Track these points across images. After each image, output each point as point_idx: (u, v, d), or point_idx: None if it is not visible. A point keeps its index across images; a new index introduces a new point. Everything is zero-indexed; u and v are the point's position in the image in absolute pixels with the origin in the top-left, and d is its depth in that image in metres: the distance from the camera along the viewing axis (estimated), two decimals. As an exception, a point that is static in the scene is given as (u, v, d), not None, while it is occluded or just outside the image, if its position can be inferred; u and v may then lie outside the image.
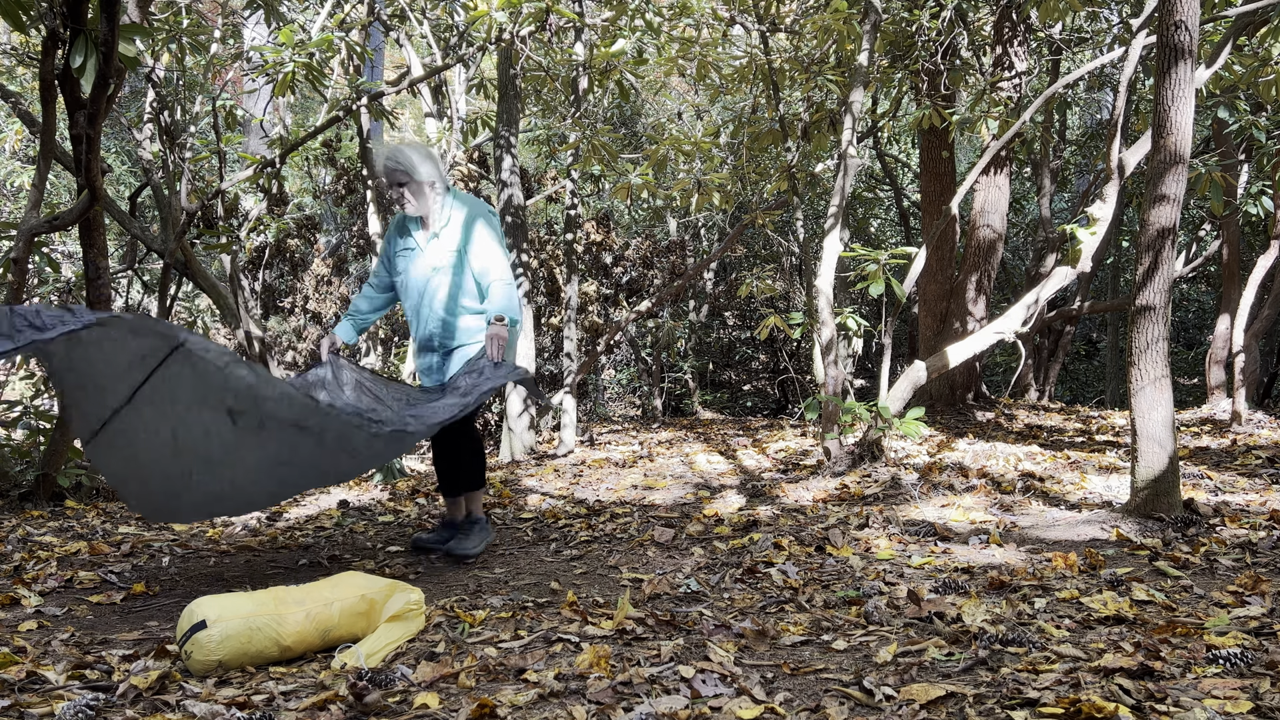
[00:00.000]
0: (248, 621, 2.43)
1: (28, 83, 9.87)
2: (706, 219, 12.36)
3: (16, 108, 6.24)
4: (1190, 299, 13.75)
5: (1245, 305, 6.81)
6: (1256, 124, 6.56)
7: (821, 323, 5.49)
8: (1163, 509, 3.78)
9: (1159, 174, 3.77)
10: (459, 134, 8.52)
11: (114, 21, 3.93)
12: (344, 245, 11.00)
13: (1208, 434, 6.51)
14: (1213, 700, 1.98)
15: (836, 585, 3.17)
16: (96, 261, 4.87)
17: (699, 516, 4.47)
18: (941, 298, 8.34)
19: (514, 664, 2.39)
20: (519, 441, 7.10)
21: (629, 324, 10.27)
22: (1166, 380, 3.79)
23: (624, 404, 13.66)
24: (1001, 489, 4.75)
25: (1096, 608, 2.73)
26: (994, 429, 7.36)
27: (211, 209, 6.86)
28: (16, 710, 2.04)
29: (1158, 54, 3.78)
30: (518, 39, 5.75)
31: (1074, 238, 5.12)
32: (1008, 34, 7.62)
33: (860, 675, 2.24)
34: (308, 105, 13.38)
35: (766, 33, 6.63)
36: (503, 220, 7.34)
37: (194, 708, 2.09)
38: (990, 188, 8.18)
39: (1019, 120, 5.79)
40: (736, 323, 12.42)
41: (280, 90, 5.67)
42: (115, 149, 12.60)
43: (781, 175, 6.59)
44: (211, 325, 9.86)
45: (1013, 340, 5.52)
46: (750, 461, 6.16)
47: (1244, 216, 8.61)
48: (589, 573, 3.51)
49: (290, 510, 5.08)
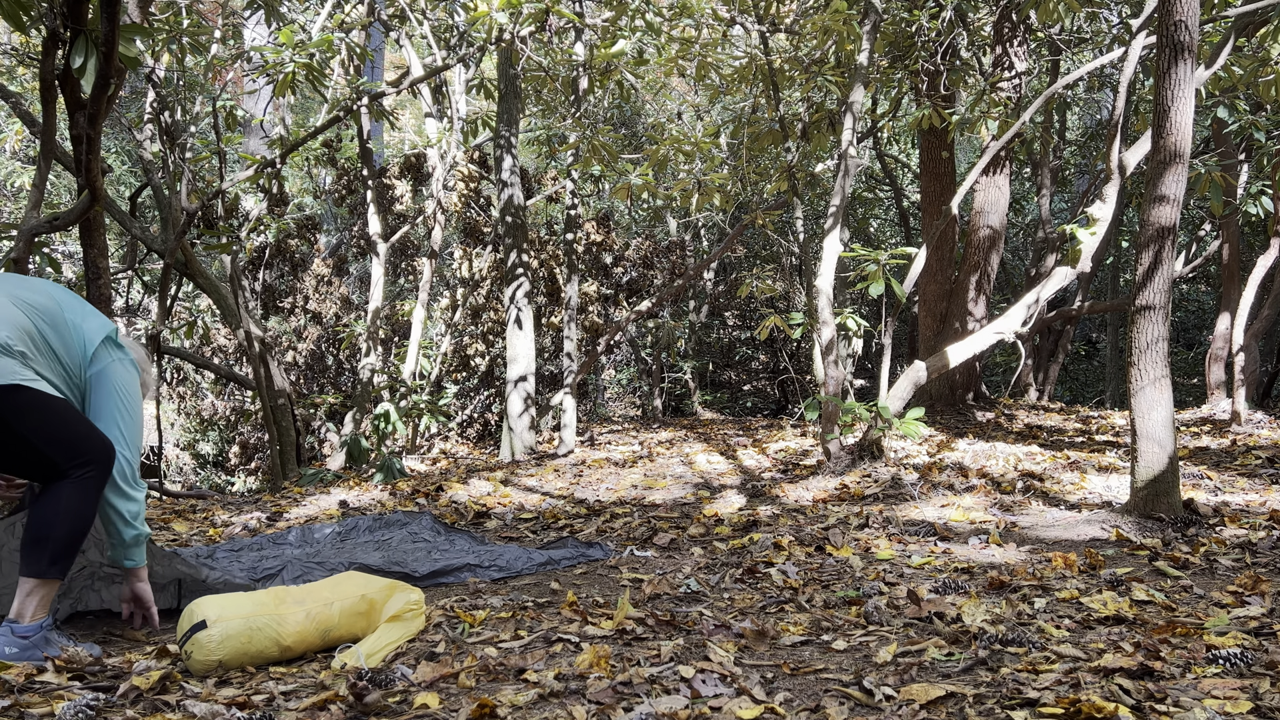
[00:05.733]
0: (248, 621, 2.43)
1: (28, 83, 9.87)
2: (706, 219, 12.36)
3: (17, 108, 6.24)
4: (1190, 299, 13.75)
5: (1245, 305, 6.81)
6: (1256, 124, 6.56)
7: (822, 323, 5.50)
8: (1163, 509, 3.79)
9: (1159, 174, 3.77)
10: (459, 134, 8.52)
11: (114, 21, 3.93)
12: (344, 245, 11.01)
13: (1208, 434, 6.50)
14: (1213, 700, 1.98)
15: (836, 585, 3.17)
16: (97, 261, 4.87)
17: (699, 516, 4.47)
18: (941, 298, 8.34)
19: (514, 664, 2.39)
20: (519, 441, 7.10)
21: (629, 324, 10.28)
22: (1166, 380, 3.79)
23: (624, 404, 13.67)
24: (1001, 489, 4.75)
25: (1096, 608, 2.73)
26: (994, 429, 7.36)
27: (212, 209, 6.86)
28: (16, 710, 2.04)
29: (1158, 54, 3.78)
30: (518, 39, 5.75)
31: (1074, 238, 5.12)
32: (1007, 34, 7.62)
33: (860, 675, 2.24)
34: (308, 105, 13.39)
35: (766, 33, 6.64)
36: (503, 220, 7.34)
37: (194, 708, 2.09)
38: (990, 188, 8.18)
39: (1019, 120, 5.79)
40: (736, 323, 12.42)
41: (280, 90, 5.67)
42: (115, 149, 12.61)
43: (781, 175, 6.59)
44: (212, 325, 9.86)
45: (1013, 340, 5.53)
46: (750, 461, 6.16)
47: (1244, 216, 8.62)
48: (589, 573, 3.51)
49: (290, 510, 5.08)
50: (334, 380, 10.21)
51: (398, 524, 4.08)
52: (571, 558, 3.65)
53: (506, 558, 3.55)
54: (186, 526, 4.58)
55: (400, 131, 13.97)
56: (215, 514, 5.02)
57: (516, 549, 3.73)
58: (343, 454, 7.65)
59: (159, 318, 6.49)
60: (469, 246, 9.87)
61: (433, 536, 3.92)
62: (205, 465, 11.05)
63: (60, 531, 2.39)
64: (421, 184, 9.85)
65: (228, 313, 7.07)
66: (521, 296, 7.20)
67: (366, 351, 8.63)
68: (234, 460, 10.18)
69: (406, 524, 4.08)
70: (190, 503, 5.82)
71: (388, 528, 4.04)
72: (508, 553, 3.63)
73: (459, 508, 4.94)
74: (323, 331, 9.96)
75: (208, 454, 11.02)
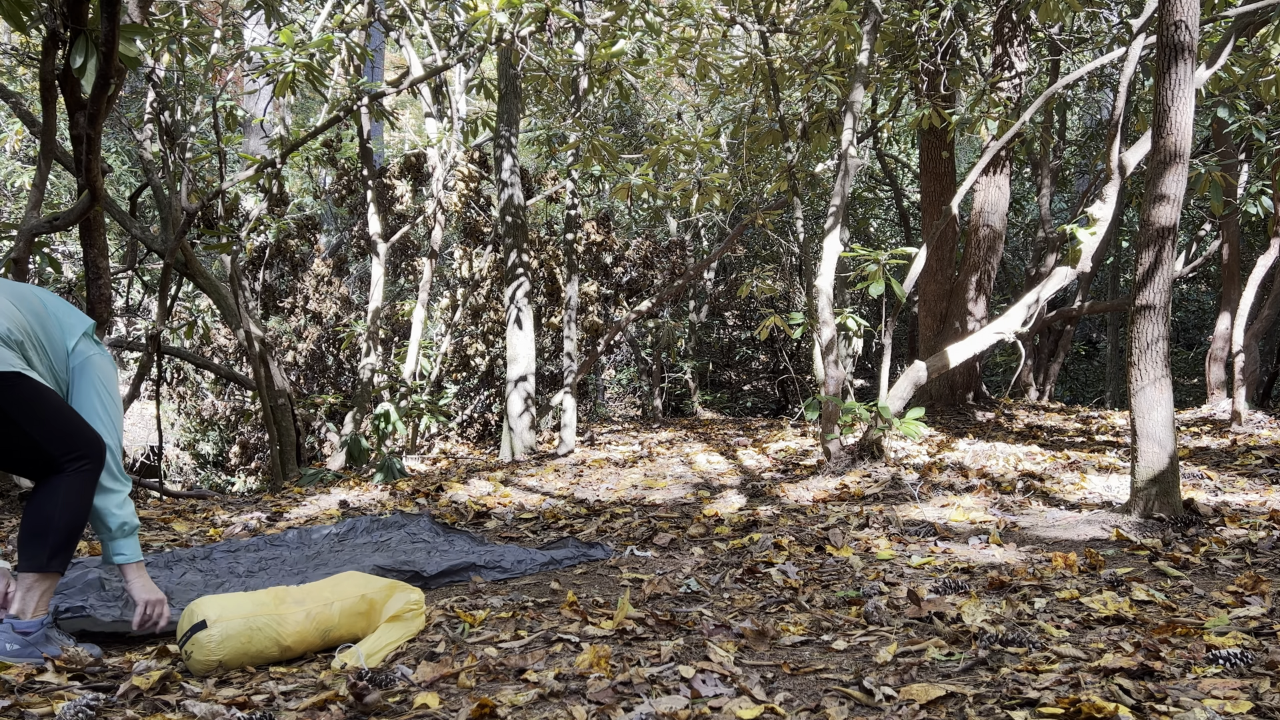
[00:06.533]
0: (248, 621, 2.43)
1: (28, 83, 9.87)
2: (706, 219, 12.37)
3: (17, 108, 6.24)
4: (1190, 299, 13.75)
5: (1245, 305, 6.82)
6: (1256, 124, 6.56)
7: (822, 323, 5.50)
8: (1163, 509, 3.79)
9: (1159, 174, 3.77)
10: (459, 134, 8.52)
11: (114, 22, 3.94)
12: (344, 245, 11.01)
13: (1208, 434, 6.50)
14: (1213, 700, 1.98)
15: (836, 585, 3.17)
16: (97, 261, 4.87)
17: (699, 516, 4.47)
18: (941, 298, 8.35)
19: (514, 664, 2.39)
20: (519, 441, 7.10)
21: (629, 324, 10.27)
22: (1166, 380, 3.79)
23: (624, 404, 13.66)
24: (1001, 489, 4.75)
25: (1096, 608, 2.73)
26: (994, 429, 7.36)
27: (212, 209, 6.86)
28: (16, 710, 2.04)
29: (1158, 54, 3.78)
30: (518, 39, 5.76)
31: (1074, 238, 5.12)
32: (1007, 34, 7.63)
33: (860, 675, 2.24)
34: (308, 105, 13.38)
35: (766, 33, 6.64)
36: (503, 220, 7.34)
37: (194, 708, 2.09)
38: (990, 188, 8.18)
39: (1019, 120, 5.79)
40: (736, 323, 12.42)
41: (280, 90, 5.68)
42: (116, 149, 12.61)
43: (781, 175, 6.60)
44: (212, 325, 9.86)
45: (1013, 340, 5.53)
46: (750, 461, 6.16)
47: (1244, 216, 8.62)
48: (589, 573, 3.51)
49: (290, 510, 5.08)
50: (334, 380, 10.21)
51: (396, 525, 4.08)
52: (572, 558, 3.65)
53: (508, 558, 3.55)
54: (186, 526, 4.58)
55: (400, 131, 13.97)
56: (215, 514, 5.02)
57: (517, 549, 3.73)
58: (343, 454, 7.65)
59: (159, 318, 6.50)
60: (469, 246, 9.87)
61: (432, 537, 3.92)
62: (205, 465, 11.06)
63: (59, 524, 2.39)
64: (421, 184, 9.85)
65: (228, 313, 7.07)
66: (521, 296, 7.20)
67: (366, 351, 8.63)
68: (234, 460, 10.19)
69: (404, 525, 4.08)
70: (190, 503, 5.82)
71: (386, 529, 4.04)
72: (509, 553, 3.63)
73: (459, 508, 4.94)
74: (323, 331, 9.96)
75: (208, 454, 11.02)
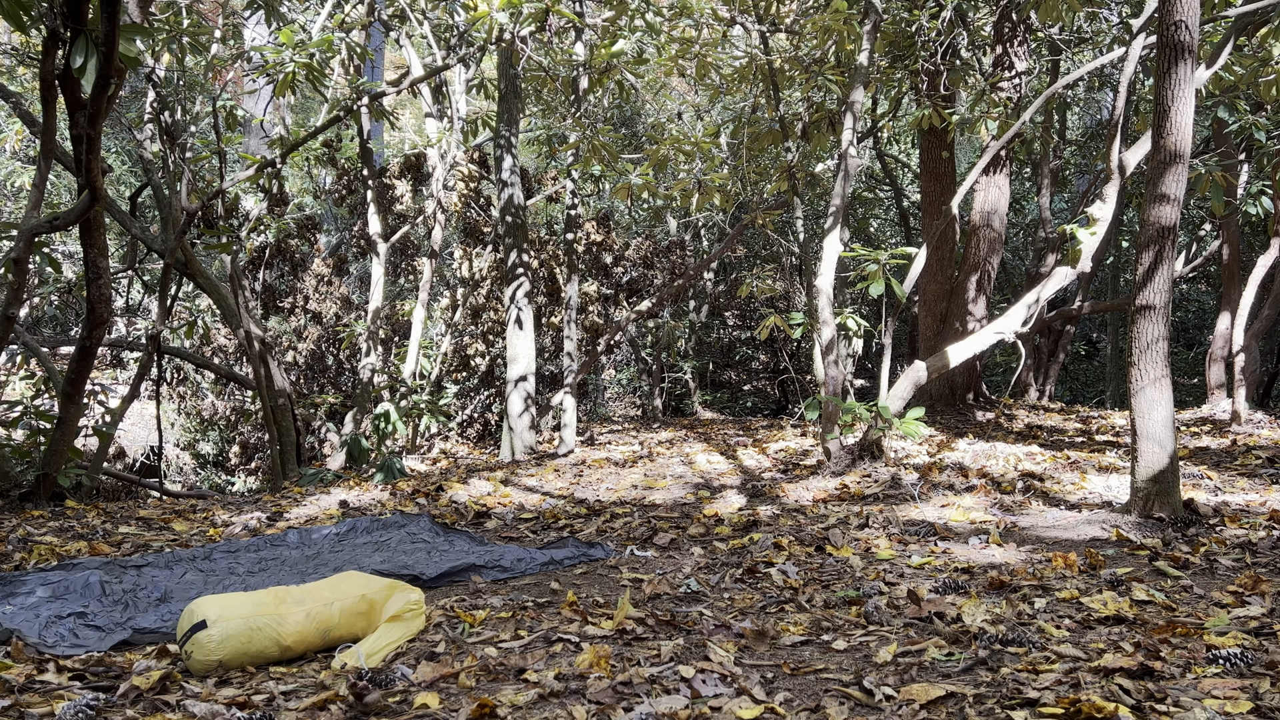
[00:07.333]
0: (248, 621, 2.43)
1: (28, 83, 9.87)
2: (706, 219, 12.36)
3: (17, 108, 6.24)
4: (1190, 299, 13.74)
5: (1245, 305, 6.82)
6: (1256, 124, 6.56)
7: (822, 323, 5.49)
8: (1163, 509, 3.78)
9: (1159, 174, 3.77)
10: (459, 134, 8.52)
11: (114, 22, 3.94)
12: (344, 245, 11.01)
13: (1208, 434, 6.50)
14: (1213, 700, 1.98)
15: (836, 585, 3.17)
16: (97, 261, 4.87)
17: (699, 516, 4.47)
18: (941, 298, 8.34)
19: (514, 664, 2.39)
20: (519, 441, 7.10)
21: (629, 324, 10.27)
22: (1166, 380, 3.79)
23: (624, 404, 13.66)
24: (1001, 489, 4.75)
25: (1096, 608, 2.73)
26: (994, 429, 7.36)
27: (212, 209, 6.86)
28: (17, 710, 2.04)
29: (1158, 54, 3.78)
30: (518, 39, 5.76)
31: (1074, 238, 5.12)
32: (1008, 34, 7.62)
33: (860, 675, 2.24)
34: (308, 105, 13.38)
35: (766, 33, 6.64)
36: (503, 220, 7.34)
37: (194, 708, 2.09)
38: (990, 188, 8.18)
39: (1019, 120, 5.79)
40: (736, 323, 12.42)
41: (280, 90, 5.67)
42: (116, 149, 12.60)
43: (781, 175, 6.59)
44: (212, 325, 9.86)
45: (1013, 340, 5.52)
46: (750, 461, 6.16)
47: (1244, 216, 8.61)
48: (589, 573, 3.51)
49: (290, 510, 5.08)
50: (334, 380, 10.21)
51: (396, 525, 4.08)
52: (572, 558, 3.65)
53: (508, 558, 3.56)
54: (186, 526, 4.58)
55: (400, 131, 13.97)
56: (215, 514, 5.02)
57: (517, 549, 3.73)
58: (343, 454, 7.65)
59: (159, 318, 6.49)
60: (469, 246, 9.87)
61: (432, 538, 3.93)
62: (205, 465, 11.05)
63: None
64: (421, 184, 9.85)
65: (228, 313, 7.07)
66: (521, 296, 7.20)
67: (366, 351, 8.63)
68: (234, 460, 10.18)
69: (404, 525, 4.08)
70: (190, 503, 5.82)
71: (386, 529, 4.04)
72: (509, 553, 3.63)
73: (459, 508, 4.94)
74: (323, 331, 9.95)
75: (208, 454, 11.02)
